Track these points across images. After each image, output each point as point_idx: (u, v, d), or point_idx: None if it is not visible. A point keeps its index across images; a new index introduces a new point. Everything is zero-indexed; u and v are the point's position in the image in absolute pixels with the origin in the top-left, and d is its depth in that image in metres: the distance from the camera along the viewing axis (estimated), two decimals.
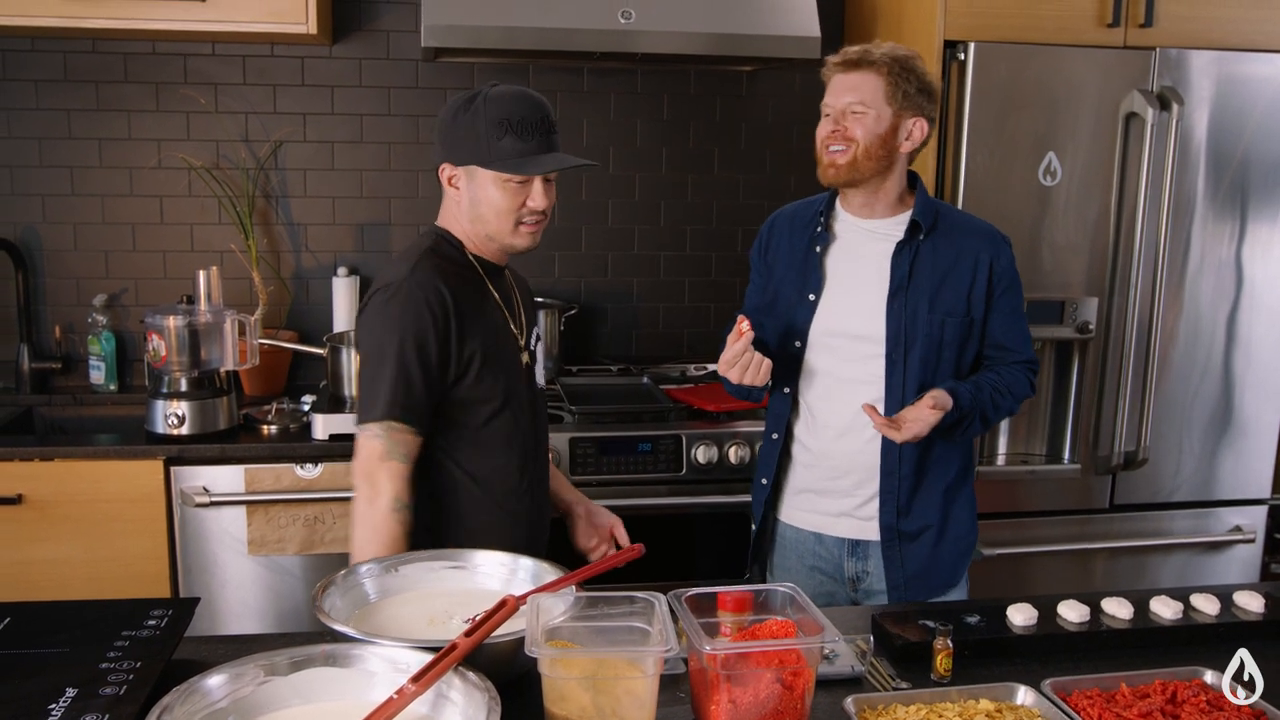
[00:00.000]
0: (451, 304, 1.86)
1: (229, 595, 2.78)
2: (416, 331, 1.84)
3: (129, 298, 3.31)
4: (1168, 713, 1.41)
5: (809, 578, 2.27)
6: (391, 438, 1.84)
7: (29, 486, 2.64)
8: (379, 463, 1.84)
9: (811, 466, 2.23)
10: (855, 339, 2.14)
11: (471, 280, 1.95)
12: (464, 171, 1.89)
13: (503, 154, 1.84)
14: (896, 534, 2.16)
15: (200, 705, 1.27)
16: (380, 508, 1.83)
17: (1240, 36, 2.96)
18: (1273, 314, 3.05)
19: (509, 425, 1.97)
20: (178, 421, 2.73)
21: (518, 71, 3.38)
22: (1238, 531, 3.13)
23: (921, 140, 2.11)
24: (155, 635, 1.51)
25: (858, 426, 2.14)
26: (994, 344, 2.18)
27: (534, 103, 1.88)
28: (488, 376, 1.92)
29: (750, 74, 3.51)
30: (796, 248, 2.24)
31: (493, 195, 1.88)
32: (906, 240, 2.12)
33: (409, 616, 1.59)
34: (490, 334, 1.94)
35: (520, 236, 1.93)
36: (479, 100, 1.86)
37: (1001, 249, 2.16)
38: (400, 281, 1.86)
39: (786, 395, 2.24)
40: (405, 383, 1.84)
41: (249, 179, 3.28)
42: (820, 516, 2.23)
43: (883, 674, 1.58)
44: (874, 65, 2.07)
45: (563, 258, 3.51)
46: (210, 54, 3.24)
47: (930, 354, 2.11)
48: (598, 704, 1.31)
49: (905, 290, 2.11)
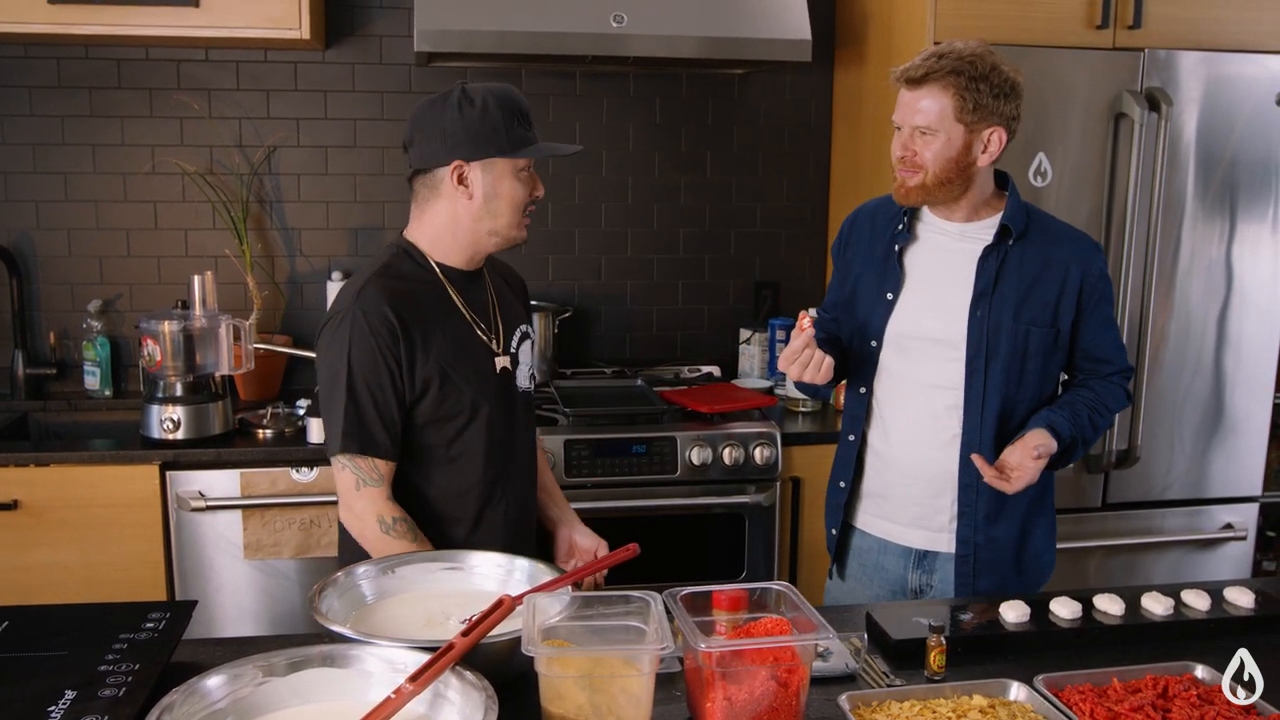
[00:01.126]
0: (399, 327, 1.84)
1: (225, 599, 2.79)
2: (364, 361, 1.83)
3: (123, 303, 3.32)
4: (1159, 707, 1.42)
5: (867, 588, 2.21)
6: (358, 465, 1.85)
7: (25, 492, 2.65)
8: (354, 493, 1.86)
9: (882, 471, 2.15)
10: (933, 342, 2.05)
11: (430, 295, 1.91)
12: (480, 166, 1.86)
13: (521, 141, 1.86)
14: (973, 548, 2.08)
15: (200, 706, 1.28)
16: (371, 535, 1.85)
17: (1228, 37, 2.98)
18: (1262, 313, 3.07)
19: (479, 438, 1.93)
20: (173, 426, 2.74)
21: (510, 75, 3.39)
22: (1229, 529, 3.15)
23: (1001, 149, 1.98)
24: (153, 638, 1.52)
25: (931, 432, 2.08)
26: (1088, 356, 2.09)
27: (520, 95, 1.90)
28: (451, 393, 1.89)
29: (742, 77, 3.52)
30: (877, 245, 2.15)
31: (509, 186, 1.87)
32: (995, 245, 2.02)
33: (406, 617, 1.59)
34: (452, 347, 1.90)
35: (522, 229, 1.93)
36: (480, 94, 1.84)
37: (1094, 258, 2.06)
38: (346, 310, 1.85)
39: (863, 396, 2.16)
40: (358, 413, 1.83)
41: (243, 184, 3.29)
42: (889, 524, 2.16)
43: (876, 671, 1.59)
44: (940, 80, 1.93)
45: (556, 261, 3.52)
46: (204, 59, 3.25)
47: (1014, 364, 2.02)
48: (594, 702, 1.32)
49: (990, 296, 2.01)
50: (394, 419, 1.86)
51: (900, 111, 2.00)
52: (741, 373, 3.49)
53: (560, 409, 2.95)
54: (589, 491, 2.82)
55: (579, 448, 2.82)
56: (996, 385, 2.02)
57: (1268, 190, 3.02)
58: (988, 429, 2.04)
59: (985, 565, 2.09)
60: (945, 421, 2.07)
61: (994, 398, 2.03)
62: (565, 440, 2.81)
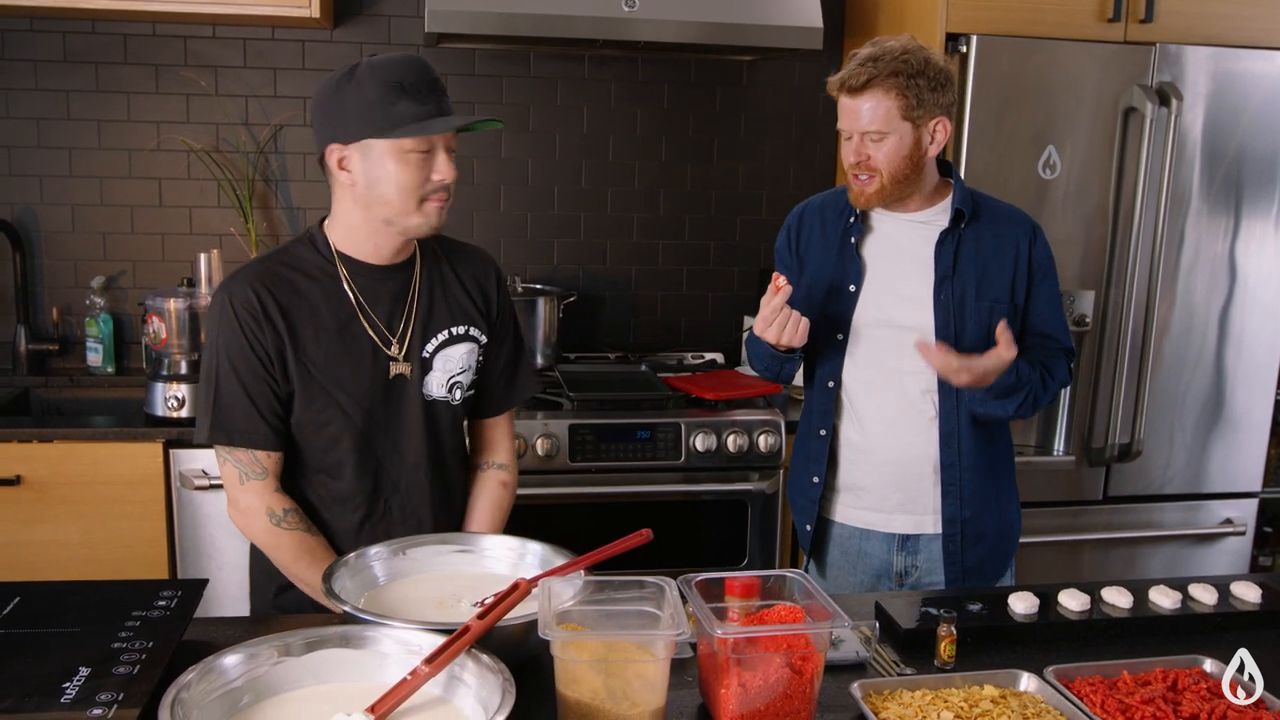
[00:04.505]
0: (262, 313, 1.71)
1: (227, 578, 2.78)
2: (228, 346, 1.73)
3: (127, 280, 3.31)
4: (1170, 700, 1.43)
5: (850, 575, 2.23)
6: (237, 458, 1.75)
7: (28, 468, 2.64)
8: (239, 488, 1.76)
9: (859, 463, 2.17)
10: (901, 329, 2.09)
11: (315, 287, 1.77)
12: (356, 149, 1.69)
13: (400, 119, 1.65)
14: (960, 525, 2.12)
15: (217, 684, 1.28)
16: (260, 529, 1.77)
17: (1238, 33, 2.98)
18: (1265, 309, 3.08)
19: (350, 450, 1.80)
20: (177, 404, 2.73)
21: (519, 58, 3.38)
22: (1228, 524, 3.17)
23: (947, 136, 2.03)
24: (166, 615, 1.52)
25: (908, 418, 2.11)
26: (1036, 332, 2.13)
27: (422, 64, 1.71)
28: (317, 396, 1.76)
29: (750, 64, 3.51)
30: (830, 238, 2.17)
31: (392, 170, 1.68)
32: (950, 229, 2.07)
33: (418, 599, 1.60)
34: (323, 348, 1.76)
35: (426, 214, 1.73)
36: (361, 69, 1.68)
37: (1037, 234, 2.13)
38: (215, 295, 1.76)
39: (831, 389, 2.17)
40: (226, 401, 1.73)
41: (249, 162, 3.28)
42: (870, 514, 2.18)
43: (887, 660, 1.60)
44: (882, 83, 1.95)
45: (562, 245, 3.52)
46: (211, 36, 3.23)
47: (981, 343, 2.03)
48: (609, 687, 1.32)
49: (951, 279, 2.06)
50: (273, 407, 1.74)
51: (846, 119, 2.02)
52: (744, 360, 3.49)
53: (565, 393, 2.95)
54: (593, 476, 2.82)
55: (583, 432, 2.82)
56: None
57: (1273, 186, 3.02)
58: (963, 408, 2.09)
59: (971, 540, 2.14)
60: (921, 406, 2.11)
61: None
62: (570, 424, 2.81)
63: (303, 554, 1.77)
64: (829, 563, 2.27)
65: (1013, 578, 2.25)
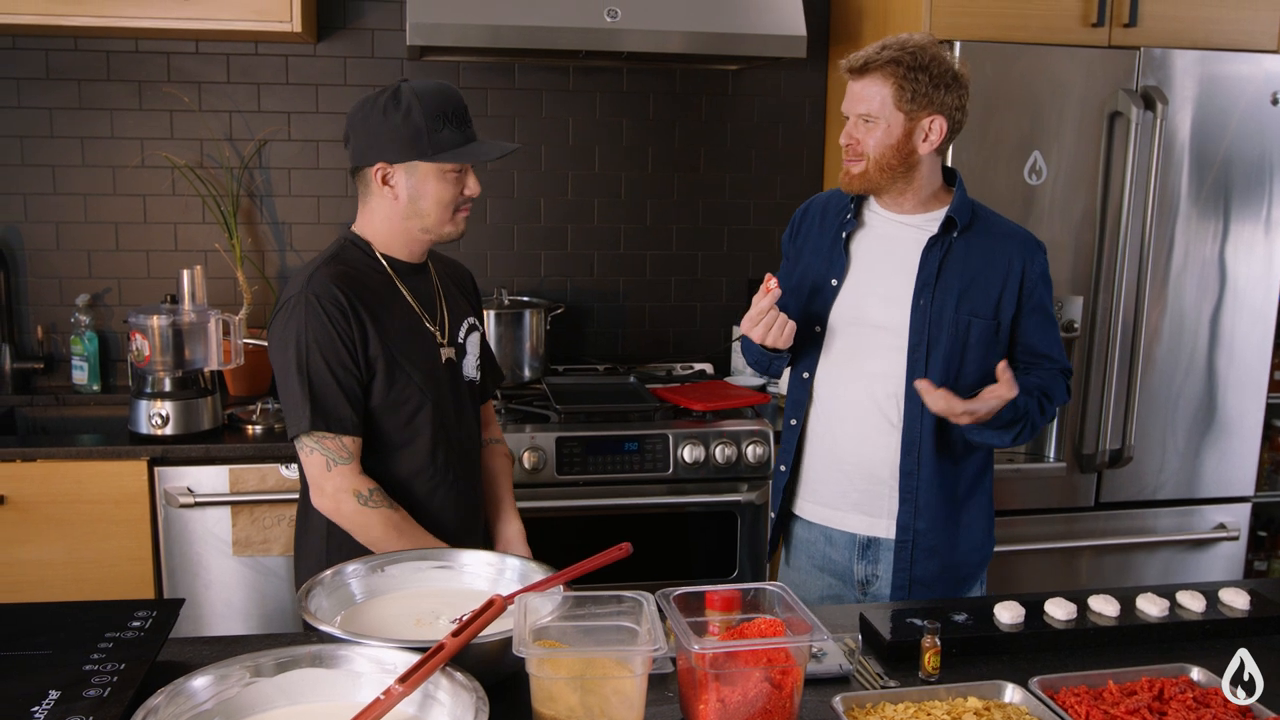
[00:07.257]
0: (349, 308, 1.88)
1: (213, 596, 2.77)
2: (318, 340, 1.86)
3: (112, 297, 3.29)
4: (1155, 709, 1.41)
5: (817, 579, 2.23)
6: (325, 446, 1.87)
7: (11, 487, 2.62)
8: (326, 474, 1.88)
9: (822, 456, 2.18)
10: (876, 329, 2.10)
11: (378, 283, 1.96)
12: (402, 169, 1.90)
13: (445, 145, 1.88)
14: (912, 534, 2.11)
15: (185, 707, 1.26)
16: (349, 510, 1.88)
17: (1223, 36, 2.98)
18: (1255, 313, 3.07)
19: (427, 424, 1.97)
20: (161, 422, 2.72)
21: (503, 70, 3.37)
22: (1221, 529, 3.15)
23: (942, 137, 2.02)
24: (140, 636, 1.50)
25: (872, 418, 2.11)
26: (1030, 351, 2.12)
27: (458, 95, 1.93)
28: (400, 378, 1.93)
29: (736, 73, 3.51)
30: (826, 234, 2.19)
31: (434, 188, 1.91)
32: (939, 236, 2.07)
33: (396, 617, 1.58)
34: (400, 335, 1.94)
35: (456, 224, 1.96)
36: (406, 96, 1.88)
37: (1036, 254, 2.11)
38: (298, 294, 1.89)
39: (805, 380, 2.19)
40: (321, 392, 1.86)
41: (233, 178, 3.26)
42: (829, 510, 2.18)
43: (870, 672, 1.58)
44: (880, 69, 1.99)
45: (549, 257, 3.50)
46: (194, 52, 3.22)
47: (954, 354, 2.05)
48: (586, 704, 1.30)
49: (933, 286, 2.06)
50: (357, 395, 1.89)
51: (846, 101, 2.07)
52: (734, 370, 3.48)
53: (552, 406, 2.93)
54: (580, 489, 2.80)
55: (571, 445, 2.80)
56: (936, 374, 2.05)
57: (1261, 190, 3.01)
58: (928, 417, 2.07)
59: (923, 552, 2.12)
60: (885, 409, 2.11)
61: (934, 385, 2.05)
62: (557, 437, 2.80)
63: (390, 528, 1.88)
64: (794, 566, 2.28)
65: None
